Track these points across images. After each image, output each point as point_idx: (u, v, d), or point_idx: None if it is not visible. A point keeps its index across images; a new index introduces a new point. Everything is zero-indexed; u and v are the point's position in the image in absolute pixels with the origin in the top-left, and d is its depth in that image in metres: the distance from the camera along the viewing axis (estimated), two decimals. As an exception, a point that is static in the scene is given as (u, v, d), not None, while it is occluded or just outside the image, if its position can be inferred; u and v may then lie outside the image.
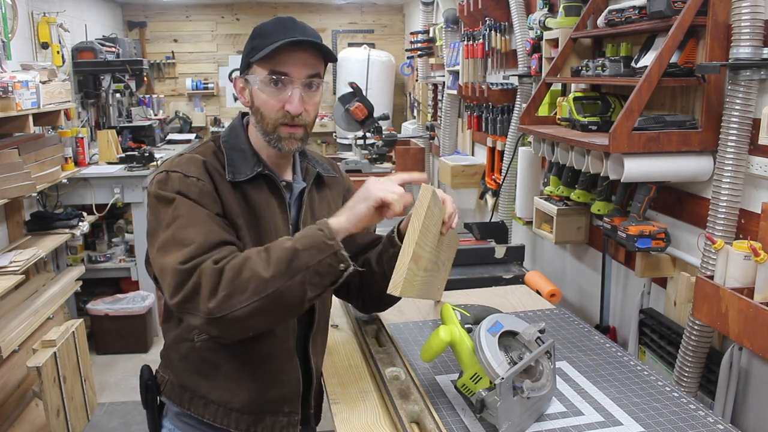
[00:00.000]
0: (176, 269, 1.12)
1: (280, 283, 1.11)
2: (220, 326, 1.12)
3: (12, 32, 3.46)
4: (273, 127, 1.27)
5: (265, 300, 1.10)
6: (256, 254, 1.14)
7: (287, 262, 1.11)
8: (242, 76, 1.31)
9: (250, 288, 1.10)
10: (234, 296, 1.10)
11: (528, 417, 1.21)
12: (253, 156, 1.31)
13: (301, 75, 1.25)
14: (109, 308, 3.77)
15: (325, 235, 1.14)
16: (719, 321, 1.47)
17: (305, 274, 1.12)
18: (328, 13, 6.39)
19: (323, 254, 1.13)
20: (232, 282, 1.10)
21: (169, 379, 1.37)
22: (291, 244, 1.14)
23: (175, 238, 1.16)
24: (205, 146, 1.34)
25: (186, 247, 1.14)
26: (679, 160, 1.73)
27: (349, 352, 1.58)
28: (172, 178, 1.22)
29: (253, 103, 1.29)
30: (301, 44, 1.23)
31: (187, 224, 1.17)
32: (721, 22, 1.61)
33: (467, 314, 1.35)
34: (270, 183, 1.32)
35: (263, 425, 1.32)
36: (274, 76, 1.24)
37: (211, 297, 1.10)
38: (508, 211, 3.08)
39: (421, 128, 5.18)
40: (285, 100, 1.25)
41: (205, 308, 1.10)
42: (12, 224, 3.36)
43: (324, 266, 1.13)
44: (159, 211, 1.21)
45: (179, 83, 6.34)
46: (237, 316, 1.10)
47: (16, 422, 2.78)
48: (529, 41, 2.71)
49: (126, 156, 4.15)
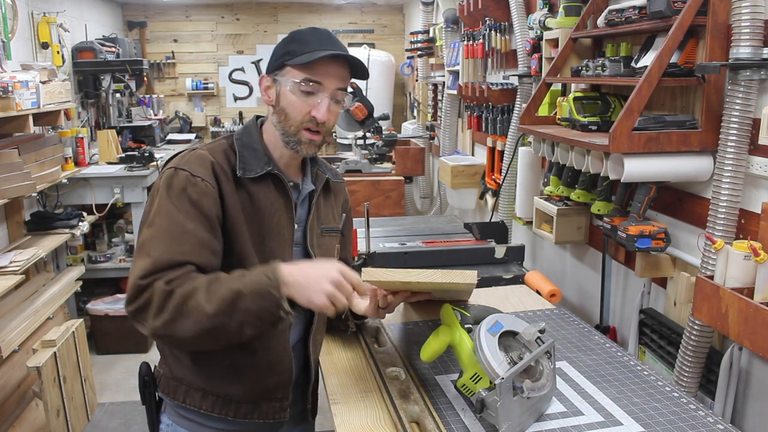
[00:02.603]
0: (134, 283, 1.19)
1: (219, 320, 1.15)
2: (164, 341, 1.25)
3: (12, 32, 3.46)
4: (296, 130, 1.32)
5: (204, 332, 1.16)
6: (205, 285, 1.18)
7: (230, 302, 1.15)
8: (271, 75, 1.35)
9: (191, 318, 1.15)
10: (176, 321, 1.16)
11: (528, 417, 1.21)
12: (264, 155, 1.35)
13: (332, 86, 1.31)
14: (109, 308, 3.77)
15: (271, 284, 1.17)
16: (719, 321, 1.47)
17: (245, 316, 1.16)
18: (328, 13, 6.39)
19: (265, 301, 1.16)
20: (177, 308, 1.16)
21: (164, 373, 1.40)
22: (237, 285, 1.17)
23: (146, 243, 1.22)
24: (217, 144, 1.37)
25: (148, 258, 1.20)
26: (679, 160, 1.73)
27: (349, 352, 1.58)
28: (180, 176, 1.26)
29: (278, 103, 1.33)
30: (337, 58, 1.30)
31: (163, 233, 1.22)
32: (721, 22, 1.61)
33: (467, 314, 1.35)
34: (278, 182, 1.35)
35: (259, 411, 1.38)
36: (309, 83, 1.29)
37: (157, 316, 1.17)
38: (508, 211, 3.08)
39: (421, 128, 5.18)
40: (313, 106, 1.30)
41: (150, 325, 1.18)
42: (12, 224, 3.36)
43: (265, 312, 1.17)
44: (154, 202, 1.27)
45: (179, 83, 6.34)
46: (179, 338, 1.18)
47: (16, 422, 2.78)
48: (529, 41, 2.71)
49: (126, 156, 4.15)
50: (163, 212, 1.23)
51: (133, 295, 1.19)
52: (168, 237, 1.21)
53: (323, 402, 1.47)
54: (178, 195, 1.24)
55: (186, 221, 1.22)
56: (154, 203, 1.26)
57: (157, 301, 1.16)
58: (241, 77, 6.41)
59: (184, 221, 1.22)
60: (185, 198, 1.23)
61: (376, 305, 1.39)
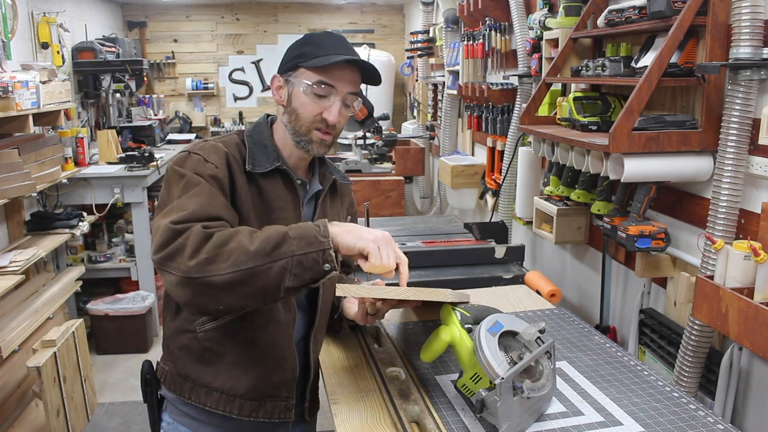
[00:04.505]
0: (167, 227, 1.14)
1: (261, 261, 1.10)
2: (193, 288, 1.11)
3: (12, 32, 3.46)
4: (307, 129, 1.34)
5: (242, 273, 1.09)
6: (248, 230, 1.16)
7: (275, 243, 1.11)
8: (283, 75, 1.37)
9: (231, 258, 1.09)
10: (214, 262, 1.09)
11: (528, 417, 1.21)
12: (273, 152, 1.37)
13: (345, 90, 1.34)
14: (109, 308, 3.77)
15: (319, 232, 1.15)
16: (719, 321, 1.47)
17: (288, 261, 1.11)
18: (328, 13, 6.39)
19: (312, 248, 1.13)
20: (216, 248, 1.10)
21: (169, 370, 1.40)
22: (283, 229, 1.15)
23: (177, 204, 1.20)
24: (229, 137, 1.39)
25: (182, 211, 1.17)
26: (679, 160, 1.73)
27: (349, 352, 1.58)
28: (192, 158, 1.28)
29: (290, 103, 1.35)
30: (351, 64, 1.33)
31: (192, 195, 1.21)
32: (721, 22, 1.61)
33: (467, 314, 1.35)
34: (286, 179, 1.37)
35: (264, 410, 1.38)
36: (322, 86, 1.31)
37: (193, 257, 1.10)
38: (508, 211, 3.08)
39: (421, 128, 5.18)
40: (324, 108, 1.33)
41: (184, 266, 1.09)
42: (12, 224, 3.36)
43: (309, 260, 1.12)
44: (172, 187, 1.26)
45: (179, 83, 6.34)
46: (211, 282, 1.09)
47: (16, 422, 2.78)
48: (529, 41, 2.71)
49: (126, 156, 4.15)
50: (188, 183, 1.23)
51: (166, 240, 1.12)
52: (199, 197, 1.21)
53: (323, 402, 1.48)
54: (194, 171, 1.25)
55: (210, 188, 1.24)
56: (172, 185, 1.26)
57: (193, 242, 1.11)
58: (241, 77, 6.41)
59: (209, 187, 1.23)
60: (199, 175, 1.25)
61: (364, 311, 1.41)
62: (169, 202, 1.23)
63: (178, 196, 1.22)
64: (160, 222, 1.17)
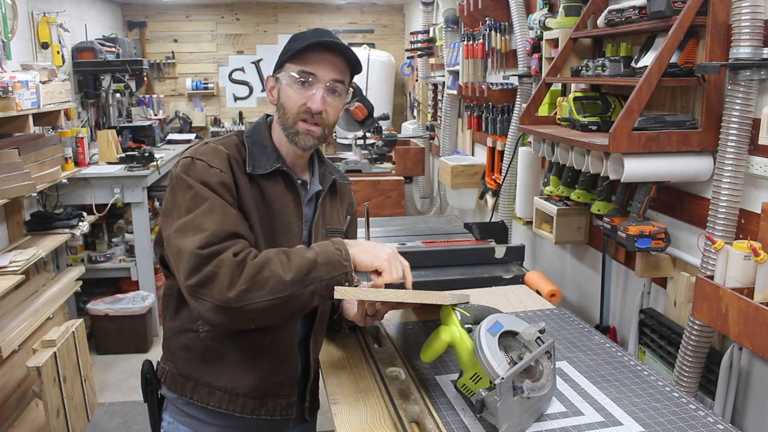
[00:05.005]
0: (195, 253, 1.18)
1: (296, 289, 1.20)
2: (231, 316, 1.17)
3: (12, 32, 3.46)
4: (293, 122, 1.35)
5: (279, 300, 1.18)
6: (276, 256, 1.22)
7: (306, 271, 1.21)
8: (274, 75, 1.39)
9: (268, 286, 1.17)
10: (253, 291, 1.17)
11: (528, 417, 1.21)
12: (273, 152, 1.38)
13: (327, 77, 1.34)
14: (109, 308, 3.77)
15: (342, 256, 1.26)
16: (719, 321, 1.47)
17: (318, 285, 1.22)
18: (328, 13, 6.39)
19: (337, 272, 1.24)
20: (252, 277, 1.17)
21: (170, 370, 1.41)
22: (312, 256, 1.24)
23: (193, 222, 1.23)
24: (228, 139, 1.39)
25: (203, 233, 1.20)
26: (679, 160, 1.73)
27: (349, 352, 1.58)
28: (197, 165, 1.28)
29: (278, 100, 1.37)
30: (331, 49, 1.34)
31: (206, 211, 1.23)
32: (721, 22, 1.61)
33: (467, 314, 1.35)
34: (287, 179, 1.38)
35: (266, 408, 1.39)
36: (302, 75, 1.33)
37: (231, 287, 1.16)
38: (508, 211, 3.08)
39: (421, 128, 5.18)
40: (308, 98, 1.34)
41: (222, 297, 1.15)
42: (12, 224, 3.36)
43: (334, 282, 1.24)
44: (178, 194, 1.28)
45: (179, 83, 6.34)
46: (251, 309, 1.17)
47: (16, 422, 2.77)
48: (529, 41, 2.71)
49: (126, 156, 4.15)
50: (197, 196, 1.25)
51: (195, 266, 1.17)
52: (214, 212, 1.23)
53: (323, 402, 1.48)
54: (199, 182, 1.26)
55: (219, 200, 1.26)
56: (178, 192, 1.27)
57: (227, 272, 1.16)
58: (241, 77, 6.41)
59: (219, 200, 1.26)
60: (206, 185, 1.26)
61: (364, 313, 1.41)
62: (175, 210, 1.26)
63: (190, 210, 1.24)
64: (181, 244, 1.20)
